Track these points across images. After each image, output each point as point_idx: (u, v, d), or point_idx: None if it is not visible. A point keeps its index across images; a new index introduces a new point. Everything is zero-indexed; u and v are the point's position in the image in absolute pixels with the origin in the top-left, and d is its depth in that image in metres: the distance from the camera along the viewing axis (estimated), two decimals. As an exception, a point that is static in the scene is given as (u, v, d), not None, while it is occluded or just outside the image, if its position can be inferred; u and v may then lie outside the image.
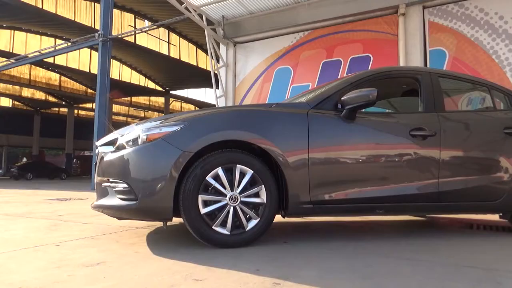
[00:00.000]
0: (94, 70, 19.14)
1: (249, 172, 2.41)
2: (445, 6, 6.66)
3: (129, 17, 20.30)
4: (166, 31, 22.11)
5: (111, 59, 13.24)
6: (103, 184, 2.57)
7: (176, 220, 2.63)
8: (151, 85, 27.81)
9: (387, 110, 4.11)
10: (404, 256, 2.26)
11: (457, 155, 2.93)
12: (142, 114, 34.81)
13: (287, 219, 3.69)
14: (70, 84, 26.78)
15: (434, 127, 2.87)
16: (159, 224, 3.36)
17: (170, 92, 29.39)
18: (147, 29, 18.41)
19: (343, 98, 2.68)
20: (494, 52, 6.22)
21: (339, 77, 6.91)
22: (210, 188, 2.37)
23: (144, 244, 2.53)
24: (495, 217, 3.46)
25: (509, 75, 6.07)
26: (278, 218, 2.66)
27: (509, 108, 3.39)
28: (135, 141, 2.44)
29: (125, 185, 2.37)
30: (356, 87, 2.80)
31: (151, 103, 32.68)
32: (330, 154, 2.60)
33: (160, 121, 2.51)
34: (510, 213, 3.10)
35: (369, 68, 7.02)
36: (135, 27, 19.78)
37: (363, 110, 2.77)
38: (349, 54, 7.40)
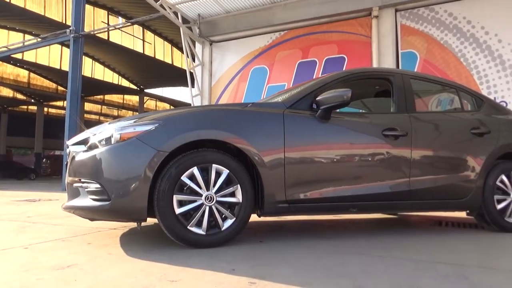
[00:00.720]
0: (65, 67, 18.60)
1: (225, 172, 2.40)
2: (416, 9, 6.85)
3: (102, 13, 19.81)
4: (141, 28, 21.72)
5: (83, 56, 12.88)
6: (75, 185, 2.50)
7: (150, 221, 2.60)
8: (125, 83, 27.26)
9: (361, 111, 4.19)
10: (377, 253, 2.31)
11: (427, 155, 3.02)
12: (115, 112, 34.06)
13: (262, 218, 3.71)
14: (40, 81, 25.88)
15: (405, 127, 2.95)
16: (133, 224, 3.31)
17: (145, 90, 28.90)
18: (120, 26, 18.04)
19: (318, 98, 2.72)
20: (462, 55, 6.46)
21: (314, 77, 6.99)
22: (185, 188, 2.35)
23: (118, 245, 2.48)
24: (462, 214, 3.59)
25: (475, 78, 6.32)
26: (253, 217, 2.67)
27: (476, 109, 3.52)
28: (108, 140, 2.38)
29: (98, 185, 2.31)
30: (331, 88, 2.84)
31: (125, 102, 32.03)
32: (306, 153, 2.63)
33: (134, 120, 2.47)
34: (476, 211, 3.23)
35: (344, 68, 7.14)
36: (108, 23, 19.33)
37: (338, 110, 2.81)
38: (324, 55, 7.50)
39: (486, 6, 6.34)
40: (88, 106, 30.26)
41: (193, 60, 8.78)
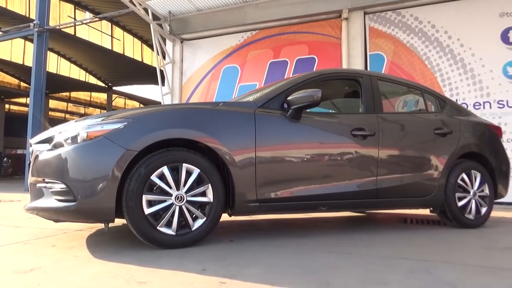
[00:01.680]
0: (29, 62, 17.80)
1: (196, 171, 2.38)
2: (384, 13, 7.04)
3: (68, 7, 19.11)
4: (109, 24, 21.11)
5: (48, 51, 12.38)
6: (38, 185, 2.41)
7: (118, 221, 2.54)
8: (93, 80, 26.44)
9: (330, 111, 4.26)
10: (346, 251, 2.36)
11: (393, 154, 3.11)
12: (82, 110, 32.97)
13: (233, 218, 3.71)
14: (1, 76, 24.68)
15: (373, 128, 3.03)
16: (100, 226, 3.22)
17: (113, 88, 28.14)
18: (88, 21, 17.47)
19: (289, 98, 2.75)
20: (426, 58, 6.70)
21: (285, 77, 7.04)
22: (155, 188, 2.31)
23: (84, 247, 2.40)
24: (426, 211, 3.73)
25: (439, 80, 6.57)
26: (224, 217, 2.66)
27: (439, 110, 3.67)
28: (74, 138, 2.31)
29: (63, 186, 2.24)
30: (301, 88, 2.88)
31: (92, 99, 31.06)
32: (276, 153, 2.65)
33: (102, 118, 2.40)
34: (439, 208, 3.36)
35: (314, 69, 7.24)
36: (75, 18, 18.69)
37: (308, 110, 2.85)
38: (295, 55, 7.57)
39: (450, 12, 6.61)
40: (53, 103, 29.12)
41: (164, 58, 8.64)
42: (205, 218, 2.41)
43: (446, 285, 1.69)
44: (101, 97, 30.94)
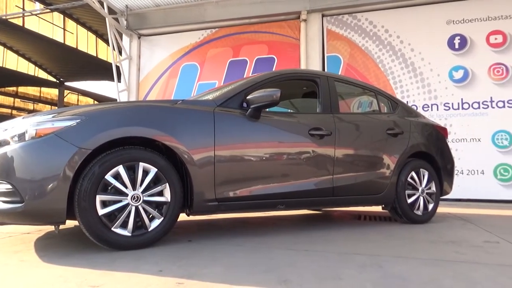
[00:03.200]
0: (-30, 54, 16.59)
1: (153, 170, 2.33)
2: (341, 16, 7.25)
3: (16, -4, 18.00)
4: (62, 16, 20.11)
5: (-8, 43, 11.58)
6: (-20, 185, 2.25)
7: (70, 223, 2.43)
8: (43, 74, 25.05)
9: (289, 110, 4.33)
10: (303, 248, 2.41)
11: (349, 153, 3.22)
12: (31, 106, 31.16)
13: (192, 217, 3.67)
14: None
15: (330, 127, 3.11)
16: (49, 228, 3.06)
17: (65, 83, 26.82)
18: (38, 12, 16.55)
19: (248, 97, 2.76)
20: (380, 61, 6.98)
21: (245, 76, 7.07)
22: (109, 188, 2.23)
23: (32, 251, 2.28)
24: (378, 208, 3.90)
25: (391, 82, 6.88)
26: (183, 216, 2.63)
27: (391, 111, 3.84)
28: (21, 136, 2.18)
29: (9, 186, 2.10)
30: (261, 87, 2.90)
31: (42, 95, 29.43)
32: (235, 152, 2.65)
33: (53, 114, 2.28)
34: (391, 205, 3.52)
35: (273, 69, 7.31)
36: (23, 8, 17.63)
37: (267, 109, 2.88)
38: (254, 55, 7.61)
39: (402, 18, 6.93)
40: (-3, 98, 27.32)
41: (120, 53, 8.36)
42: (163, 218, 2.36)
43: (396, 278, 1.78)
44: (52, 92, 29.39)
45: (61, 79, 26.33)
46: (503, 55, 6.40)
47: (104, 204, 2.21)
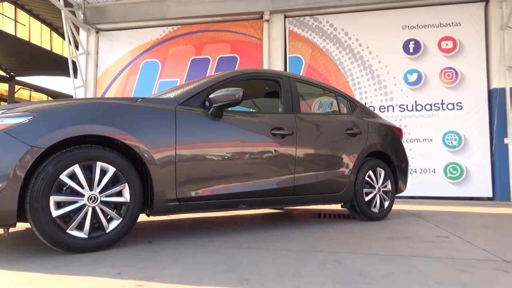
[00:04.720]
0: None
1: (111, 170, 2.26)
2: (302, 18, 7.38)
3: (-40, -16, 16.77)
4: (13, 7, 18.99)
5: None
6: None
7: (21, 225, 2.30)
8: (-9, 68, 23.57)
9: (251, 110, 4.35)
10: (265, 247, 2.43)
11: (309, 153, 3.28)
12: (-23, 102, 29.23)
13: (152, 218, 3.60)
14: None
15: (291, 127, 3.16)
16: (-2, 231, 2.89)
17: (16, 78, 25.35)
18: (-15, 1, 15.52)
19: (211, 96, 2.74)
20: (340, 63, 7.18)
21: (207, 75, 7.01)
22: (64, 188, 2.14)
23: (-22, 256, 2.14)
24: (338, 206, 4.00)
25: (351, 84, 7.09)
26: (142, 217, 2.57)
27: (350, 112, 3.96)
28: (-34, 134, 2.04)
29: (-49, 187, 1.96)
30: (223, 86, 2.89)
31: (-11, 90, 27.68)
32: (197, 151, 2.63)
33: (2, 111, 2.15)
34: (349, 203, 3.63)
35: (236, 68, 7.32)
36: (-32, -3, 16.46)
37: (230, 108, 2.87)
38: (217, 53, 7.57)
39: (360, 21, 7.17)
40: None
41: (77, 48, 8.02)
42: (121, 219, 2.30)
43: (354, 274, 1.84)
44: (1, 87, 27.69)
45: (12, 74, 24.83)
46: (453, 60, 6.79)
47: (59, 205, 2.11)
